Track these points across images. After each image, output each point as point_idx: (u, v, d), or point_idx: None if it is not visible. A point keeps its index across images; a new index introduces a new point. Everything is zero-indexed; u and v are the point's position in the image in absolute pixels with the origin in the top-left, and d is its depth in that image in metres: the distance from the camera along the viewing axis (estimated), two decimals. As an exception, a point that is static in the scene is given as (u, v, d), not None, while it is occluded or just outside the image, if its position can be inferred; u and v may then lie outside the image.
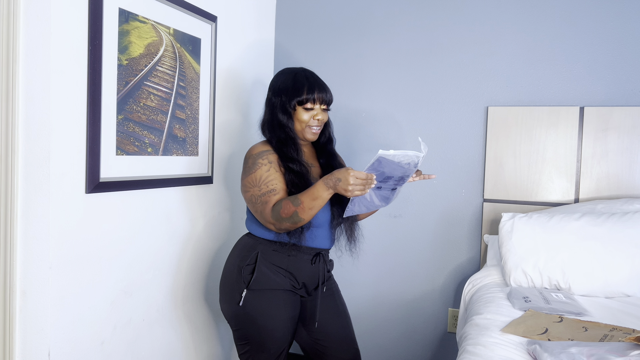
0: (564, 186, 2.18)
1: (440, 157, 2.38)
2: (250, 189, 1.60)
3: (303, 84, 1.64)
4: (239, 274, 1.65)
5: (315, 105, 1.65)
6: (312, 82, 1.66)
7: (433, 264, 2.41)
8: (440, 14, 2.37)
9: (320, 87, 1.66)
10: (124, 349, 1.71)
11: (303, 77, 1.66)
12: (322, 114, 1.67)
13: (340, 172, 1.44)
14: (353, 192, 1.42)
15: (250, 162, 1.63)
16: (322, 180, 1.48)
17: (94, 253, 1.57)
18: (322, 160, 1.77)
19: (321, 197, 1.48)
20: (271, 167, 1.60)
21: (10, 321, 1.44)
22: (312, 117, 1.65)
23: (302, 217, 1.50)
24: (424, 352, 2.44)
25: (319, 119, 1.66)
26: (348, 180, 1.41)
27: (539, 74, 2.24)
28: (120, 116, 1.62)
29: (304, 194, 1.50)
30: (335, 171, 1.46)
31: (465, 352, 1.34)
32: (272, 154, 1.63)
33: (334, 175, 1.45)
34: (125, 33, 1.62)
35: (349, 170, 1.42)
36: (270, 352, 1.65)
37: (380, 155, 1.37)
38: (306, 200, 1.49)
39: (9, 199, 1.42)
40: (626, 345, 1.19)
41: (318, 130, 1.69)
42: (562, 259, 1.81)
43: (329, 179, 1.46)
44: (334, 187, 1.45)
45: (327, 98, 1.67)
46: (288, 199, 1.52)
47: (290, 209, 1.50)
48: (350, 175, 1.41)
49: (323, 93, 1.66)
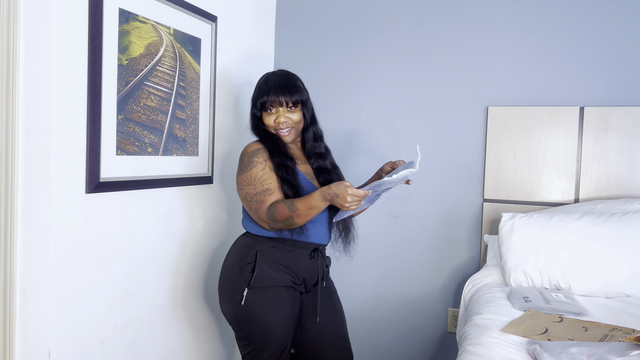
0: (564, 186, 2.18)
1: (440, 157, 2.38)
2: (245, 187, 1.62)
3: (262, 87, 1.66)
4: (239, 273, 1.65)
5: (275, 108, 1.65)
6: (272, 84, 1.64)
7: (433, 264, 2.41)
8: (440, 14, 2.37)
9: (277, 89, 1.63)
10: (124, 349, 1.71)
11: (265, 81, 1.67)
12: (285, 116, 1.65)
13: (338, 188, 1.46)
14: (349, 208, 1.46)
15: (246, 160, 1.64)
16: (320, 191, 1.50)
17: (94, 253, 1.57)
18: (311, 160, 1.75)
19: (317, 207, 1.51)
20: (266, 166, 1.61)
21: (10, 321, 1.44)
22: (274, 120, 1.66)
23: (297, 222, 1.53)
24: (424, 352, 2.44)
25: (281, 122, 1.65)
26: (346, 198, 1.44)
27: (539, 74, 2.24)
28: (121, 116, 1.62)
29: (301, 201, 1.51)
30: (333, 185, 1.47)
31: (465, 352, 1.34)
32: (265, 151, 1.64)
33: (332, 189, 1.47)
34: (126, 33, 1.62)
35: (347, 188, 1.44)
36: (274, 350, 1.65)
37: (383, 180, 1.43)
38: (302, 207, 1.51)
39: (9, 199, 1.42)
40: (626, 345, 1.19)
41: (287, 132, 1.68)
42: (562, 259, 1.81)
43: (326, 192, 1.48)
44: (331, 200, 1.48)
45: (285, 99, 1.63)
46: (284, 203, 1.54)
47: (286, 213, 1.52)
48: (349, 194, 1.44)
49: (278, 95, 1.62)
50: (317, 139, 1.76)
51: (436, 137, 2.38)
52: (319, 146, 1.77)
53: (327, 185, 1.50)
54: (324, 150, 1.78)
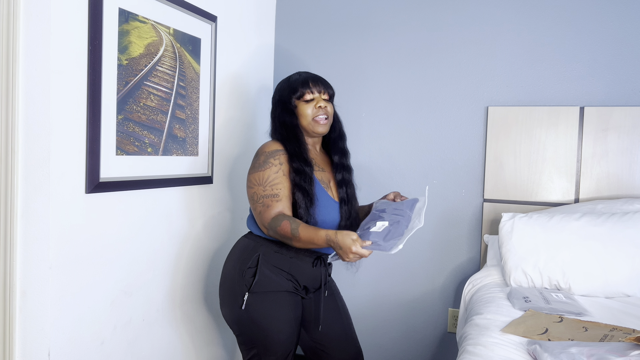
0: (564, 186, 2.18)
1: (440, 157, 2.38)
2: (255, 187, 1.60)
3: (297, 80, 1.68)
4: (240, 277, 1.63)
5: (314, 95, 1.66)
6: (305, 77, 1.68)
7: (433, 264, 2.41)
8: (441, 14, 2.37)
9: (314, 79, 1.68)
10: (124, 349, 1.71)
11: (296, 76, 1.70)
12: (324, 102, 1.67)
13: (345, 242, 1.39)
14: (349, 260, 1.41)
15: (262, 159, 1.62)
16: (326, 234, 1.44)
17: (94, 253, 1.57)
18: (335, 157, 1.74)
19: (318, 244, 1.47)
20: (280, 169, 1.59)
21: (10, 321, 1.44)
22: (314, 106, 1.65)
23: (294, 244, 1.52)
24: (424, 352, 2.44)
25: (321, 107, 1.66)
26: (348, 254, 1.40)
27: (539, 74, 2.23)
28: (120, 116, 1.62)
29: (305, 231, 1.47)
30: (340, 235, 1.41)
31: (465, 352, 1.34)
32: (284, 154, 1.62)
33: (338, 238, 1.41)
34: (125, 33, 1.62)
35: (353, 245, 1.38)
36: (278, 355, 1.63)
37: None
38: (304, 237, 1.47)
39: (9, 199, 1.42)
40: (626, 345, 1.19)
41: (326, 121, 1.68)
42: (562, 259, 1.81)
43: (332, 239, 1.42)
44: (334, 247, 1.43)
45: (324, 88, 1.68)
46: (290, 222, 1.49)
47: (287, 233, 1.49)
48: (352, 252, 1.38)
49: (319, 84, 1.68)
50: (341, 137, 1.77)
51: (436, 137, 2.38)
52: (344, 145, 1.77)
53: (335, 231, 1.43)
54: (349, 161, 1.77)
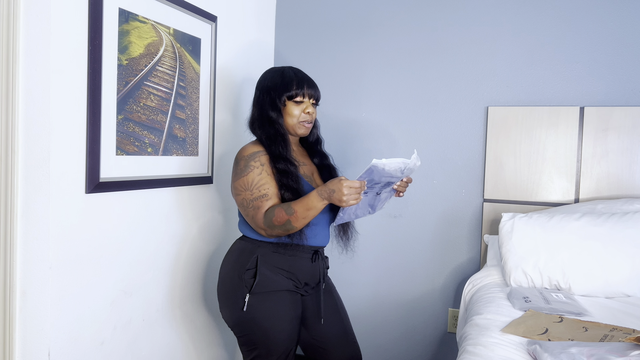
0: (564, 186, 2.18)
1: (440, 157, 2.38)
2: (242, 192, 1.58)
3: (292, 79, 1.66)
4: (239, 279, 1.62)
5: (304, 99, 1.67)
6: (301, 77, 1.68)
7: (433, 264, 2.41)
8: (440, 14, 2.37)
9: (309, 82, 1.68)
10: (124, 349, 1.71)
11: (291, 73, 1.68)
12: (312, 108, 1.69)
13: (333, 184, 1.45)
14: (348, 202, 1.43)
15: (242, 164, 1.60)
16: (316, 190, 1.49)
17: (94, 253, 1.57)
18: (315, 160, 1.79)
19: (315, 207, 1.49)
20: (263, 170, 1.58)
21: (10, 321, 1.44)
22: (302, 111, 1.66)
23: (295, 226, 1.51)
24: (424, 352, 2.44)
25: (310, 112, 1.67)
26: (342, 191, 1.42)
27: (539, 74, 2.24)
28: (120, 116, 1.62)
29: (298, 203, 1.50)
30: (328, 182, 1.47)
31: (465, 352, 1.33)
32: (264, 154, 1.61)
33: (327, 186, 1.46)
34: (125, 33, 1.62)
35: (342, 181, 1.43)
36: (279, 354, 1.63)
37: (373, 164, 1.38)
38: (300, 209, 1.49)
39: (9, 199, 1.42)
40: (626, 346, 1.19)
41: (310, 125, 1.70)
42: (562, 259, 1.81)
43: (323, 190, 1.47)
44: (329, 197, 1.46)
45: (315, 94, 1.69)
46: (281, 207, 1.51)
47: (283, 217, 1.50)
48: (344, 186, 1.42)
49: (312, 88, 1.68)
50: (319, 141, 1.83)
51: (436, 137, 2.38)
52: (322, 148, 1.83)
53: (323, 185, 1.49)
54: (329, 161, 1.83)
